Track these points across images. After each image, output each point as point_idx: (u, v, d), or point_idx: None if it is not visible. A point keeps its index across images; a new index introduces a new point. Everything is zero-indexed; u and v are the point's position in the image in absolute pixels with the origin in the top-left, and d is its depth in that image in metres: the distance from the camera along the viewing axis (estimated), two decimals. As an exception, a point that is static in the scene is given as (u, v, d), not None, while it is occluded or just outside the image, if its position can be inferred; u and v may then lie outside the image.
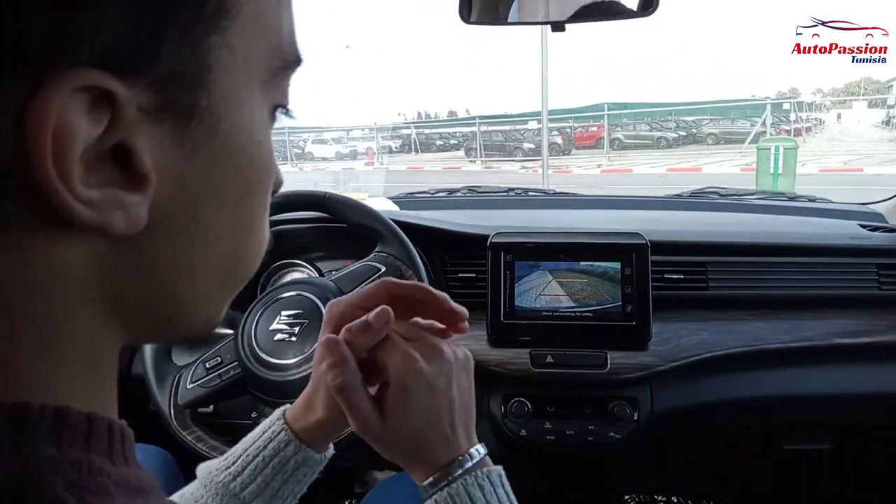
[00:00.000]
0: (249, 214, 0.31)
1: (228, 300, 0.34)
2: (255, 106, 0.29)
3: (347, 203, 1.00)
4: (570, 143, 17.77)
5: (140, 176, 0.24)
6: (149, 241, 0.26)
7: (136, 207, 0.24)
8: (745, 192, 1.68)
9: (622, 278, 1.08)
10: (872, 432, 1.17)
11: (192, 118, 0.25)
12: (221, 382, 0.91)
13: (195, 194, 0.27)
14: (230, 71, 0.26)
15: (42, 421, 0.23)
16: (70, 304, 0.25)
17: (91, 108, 0.22)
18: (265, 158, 0.31)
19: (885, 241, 1.23)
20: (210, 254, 0.29)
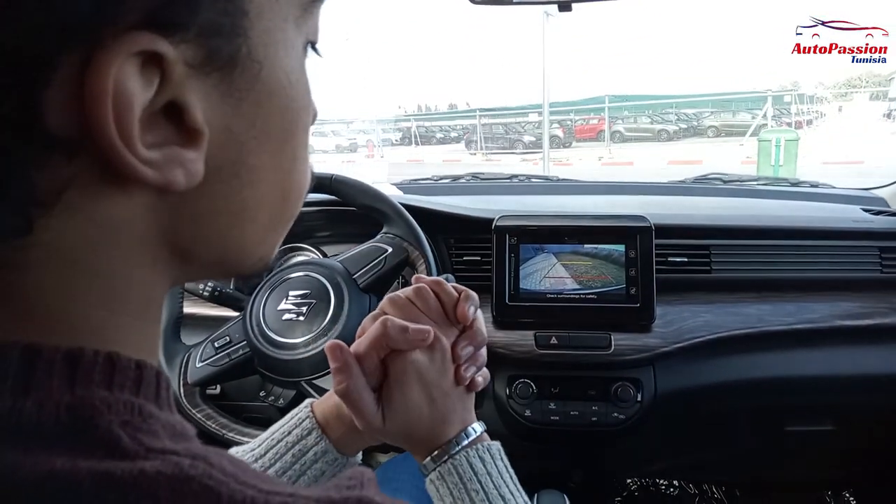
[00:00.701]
0: (292, 154, 0.32)
1: (279, 239, 0.35)
2: (289, 46, 0.29)
3: (354, 185, 1.00)
4: (571, 136, 17.73)
5: (193, 131, 0.25)
6: (203, 191, 0.27)
7: (193, 163, 0.25)
8: (748, 177, 1.68)
9: (626, 261, 1.09)
10: (874, 414, 1.19)
11: (235, 67, 0.26)
12: (230, 361, 0.92)
13: (242, 142, 0.28)
14: (263, 14, 0.27)
15: (95, 365, 0.24)
16: (129, 258, 0.27)
17: (142, 71, 0.23)
18: (303, 96, 0.31)
19: (887, 225, 1.23)
20: (258, 198, 0.30)
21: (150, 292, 0.29)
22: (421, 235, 0.97)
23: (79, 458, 0.22)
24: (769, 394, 1.13)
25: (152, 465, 0.23)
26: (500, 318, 1.10)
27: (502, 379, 1.09)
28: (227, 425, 0.89)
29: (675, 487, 1.71)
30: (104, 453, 0.23)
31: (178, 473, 0.23)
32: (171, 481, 0.23)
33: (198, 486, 0.23)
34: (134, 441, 0.24)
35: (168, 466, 0.23)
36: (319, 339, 0.88)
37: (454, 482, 0.52)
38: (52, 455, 0.22)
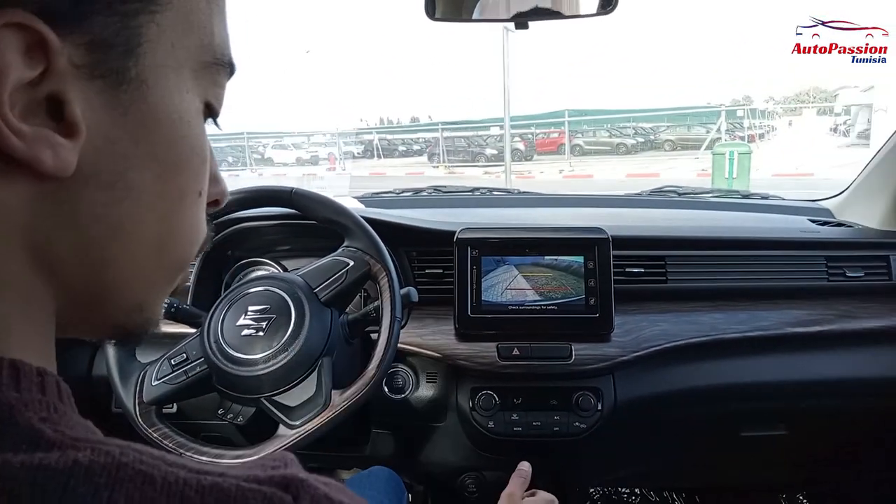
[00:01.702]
0: (179, 191, 0.33)
1: (163, 290, 0.35)
2: (183, 89, 0.32)
3: (315, 198, 1.00)
4: (533, 149, 17.93)
5: (70, 125, 0.27)
6: (80, 192, 0.28)
7: (64, 150, 0.26)
8: (702, 190, 1.73)
9: (585, 272, 1.11)
10: (824, 417, 1.22)
11: (122, 83, 0.28)
12: (187, 379, 0.90)
13: (123, 155, 0.29)
14: (157, 51, 0.29)
15: (1, 370, 0.25)
16: (5, 244, 0.27)
17: (27, 51, 0.25)
18: (195, 141, 0.33)
19: (832, 235, 1.28)
20: (137, 218, 0.31)
21: (31, 291, 0.29)
22: (383, 248, 0.97)
23: (6, 452, 0.23)
24: (724, 400, 1.16)
25: (84, 454, 0.24)
26: (462, 331, 1.11)
27: (465, 391, 1.10)
28: (184, 444, 0.87)
29: (636, 495, 1.74)
30: (30, 447, 0.23)
31: (112, 461, 0.24)
32: (106, 468, 0.23)
33: (132, 471, 0.24)
34: (57, 433, 0.24)
35: (100, 455, 0.24)
36: (280, 354, 0.86)
37: None
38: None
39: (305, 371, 0.87)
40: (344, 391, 0.88)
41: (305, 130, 21.71)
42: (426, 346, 1.10)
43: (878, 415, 1.22)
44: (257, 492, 0.26)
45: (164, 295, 0.36)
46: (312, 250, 1.15)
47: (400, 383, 1.13)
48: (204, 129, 0.34)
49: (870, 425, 1.26)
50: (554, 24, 0.98)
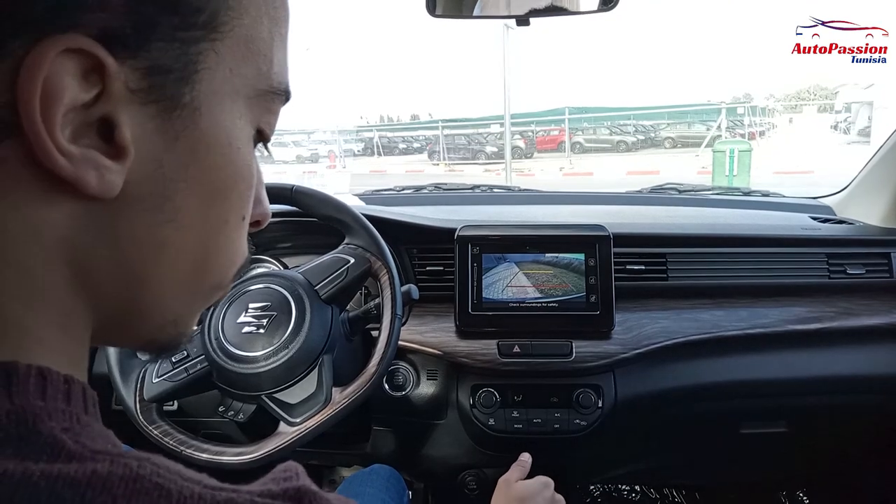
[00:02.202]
0: (224, 214, 0.33)
1: (196, 307, 0.36)
2: (237, 116, 0.32)
3: (315, 195, 1.00)
4: (533, 147, 17.93)
5: (119, 147, 0.27)
6: (124, 213, 0.28)
7: (110, 172, 0.27)
8: (703, 187, 1.73)
9: (586, 269, 1.11)
10: (824, 414, 1.23)
11: (175, 109, 0.28)
12: (188, 376, 0.90)
13: (171, 179, 0.29)
14: (215, 77, 0.29)
15: (29, 377, 0.25)
16: (47, 259, 0.27)
17: (84, 75, 0.25)
18: (243, 166, 0.33)
19: (833, 232, 1.28)
20: (179, 241, 0.31)
21: (69, 306, 0.29)
22: (383, 246, 0.97)
23: (28, 461, 0.23)
24: (725, 397, 1.16)
25: (102, 465, 0.24)
26: (463, 328, 1.11)
27: (466, 388, 1.10)
28: (184, 441, 0.87)
29: (636, 493, 1.74)
30: (51, 457, 0.24)
31: (129, 473, 0.24)
32: (123, 480, 0.24)
33: (149, 483, 0.24)
34: (78, 444, 0.25)
35: (118, 467, 0.24)
36: (280, 351, 0.86)
37: None
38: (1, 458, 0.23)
39: (306, 368, 0.87)
40: (344, 388, 0.88)
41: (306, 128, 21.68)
42: (427, 343, 1.10)
43: (879, 411, 1.22)
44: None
45: (199, 312, 0.36)
46: (313, 247, 1.15)
47: (400, 381, 1.13)
48: (253, 154, 0.35)
49: (870, 422, 1.26)
50: (555, 21, 0.98)
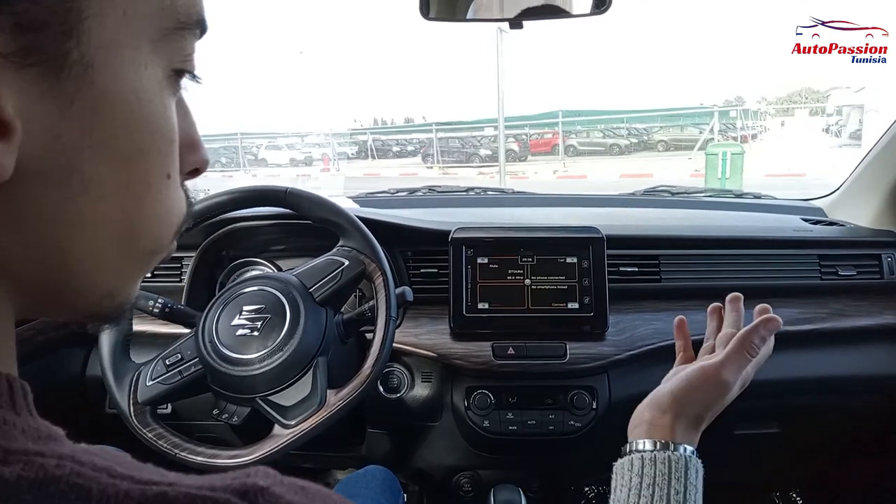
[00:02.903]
0: (144, 177, 0.30)
1: (134, 275, 0.33)
2: (140, 63, 0.28)
3: (309, 198, 1.00)
4: (527, 150, 17.96)
5: (2, 124, 0.23)
6: (27, 192, 0.25)
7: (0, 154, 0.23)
8: (695, 190, 1.74)
9: (579, 271, 1.11)
10: (817, 415, 1.23)
11: (62, 68, 0.25)
12: (182, 379, 0.90)
13: (75, 148, 0.26)
14: (106, 23, 0.26)
15: None
16: None
17: None
18: (157, 119, 0.30)
19: (825, 234, 1.29)
20: (98, 213, 0.28)
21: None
22: (378, 248, 0.97)
23: None
24: (718, 398, 1.16)
25: (11, 470, 0.22)
26: (457, 330, 1.11)
27: (460, 390, 1.10)
28: (179, 444, 0.87)
29: (631, 494, 1.74)
30: None
31: (43, 476, 0.23)
32: (34, 484, 0.22)
33: (65, 485, 0.23)
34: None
35: (30, 469, 0.23)
36: (275, 354, 0.86)
37: (662, 472, 0.63)
38: None
39: (300, 371, 0.87)
40: (339, 391, 0.88)
41: (299, 131, 21.67)
42: (421, 345, 1.11)
43: (871, 412, 1.23)
44: (208, 499, 0.24)
45: (139, 278, 0.33)
46: (307, 250, 1.15)
47: (395, 383, 1.13)
48: (169, 103, 0.31)
49: (862, 422, 1.26)
50: (548, 24, 0.98)
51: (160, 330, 1.13)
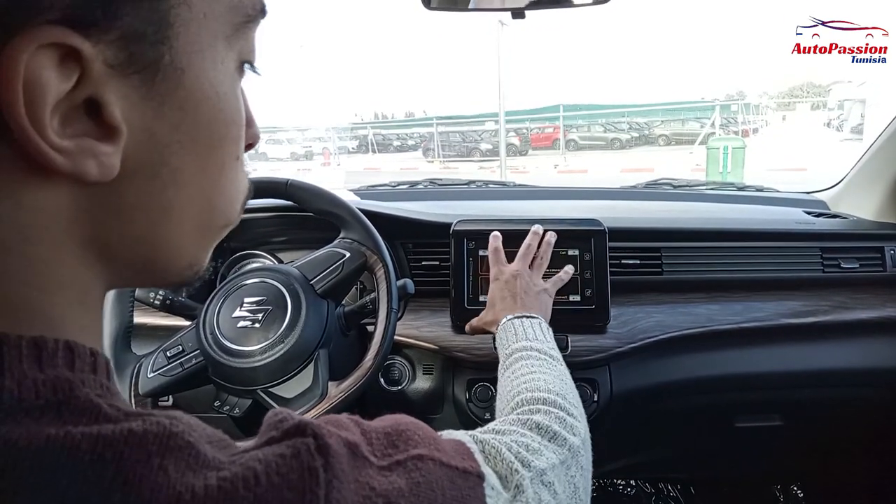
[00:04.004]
0: (220, 162, 0.33)
1: (209, 246, 0.36)
2: (218, 60, 0.31)
3: (310, 189, 0.99)
4: (527, 144, 17.94)
5: (111, 128, 0.27)
6: (125, 187, 0.28)
7: (108, 157, 0.27)
8: (697, 182, 1.74)
9: (581, 264, 1.11)
10: (819, 408, 1.23)
11: (157, 73, 0.28)
12: (183, 371, 0.90)
13: (165, 144, 0.29)
14: (190, 27, 0.29)
15: (57, 351, 0.27)
16: (60, 246, 0.28)
17: (60, 64, 0.24)
18: (232, 110, 0.33)
19: (827, 226, 1.29)
20: (183, 198, 0.31)
21: (86, 282, 0.30)
22: (379, 240, 0.96)
23: (68, 425, 0.24)
24: (719, 391, 1.16)
25: (138, 424, 0.25)
26: (458, 323, 1.11)
27: (462, 383, 1.10)
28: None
29: (632, 487, 1.75)
30: (89, 419, 0.25)
31: (164, 430, 0.26)
32: (158, 437, 0.25)
33: (181, 441, 0.26)
34: (112, 408, 0.26)
35: (152, 425, 0.26)
36: (276, 346, 0.86)
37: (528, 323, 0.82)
38: (42, 425, 0.24)
39: (302, 363, 0.87)
40: (340, 383, 0.88)
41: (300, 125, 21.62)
42: (423, 337, 1.10)
43: (873, 405, 1.23)
44: (281, 444, 0.29)
45: (211, 249, 0.37)
46: (308, 242, 1.14)
47: (396, 375, 1.13)
48: (239, 92, 0.34)
49: (864, 415, 1.26)
50: (550, 18, 0.98)
51: (161, 322, 1.12)
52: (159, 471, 0.25)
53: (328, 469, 0.28)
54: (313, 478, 0.28)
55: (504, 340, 0.81)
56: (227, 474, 0.26)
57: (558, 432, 0.54)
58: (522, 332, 0.80)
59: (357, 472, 0.30)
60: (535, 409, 0.59)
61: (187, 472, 0.25)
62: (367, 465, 0.32)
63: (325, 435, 0.29)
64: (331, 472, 0.28)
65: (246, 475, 0.26)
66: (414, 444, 0.36)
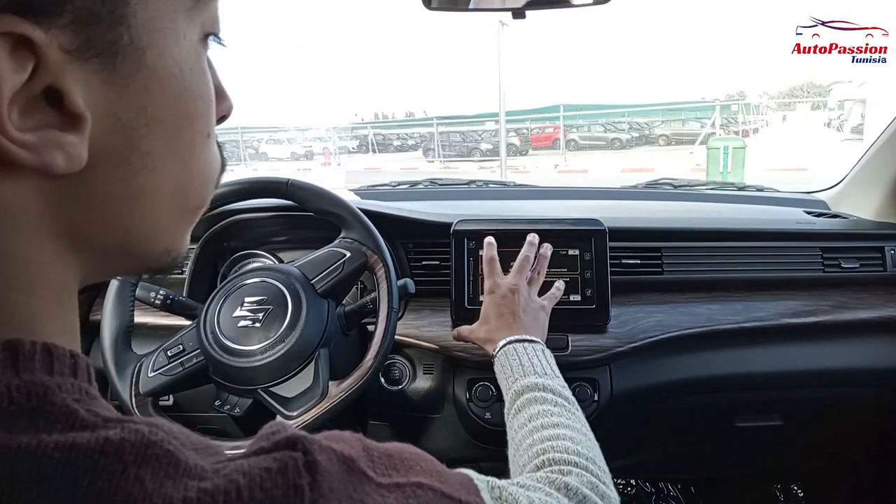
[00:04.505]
0: (190, 142, 0.32)
1: (186, 230, 0.35)
2: (180, 35, 0.30)
3: (311, 189, 0.99)
4: (528, 144, 17.93)
5: (74, 116, 0.25)
6: (94, 176, 0.27)
7: (74, 147, 0.26)
8: (697, 182, 1.74)
9: (582, 263, 1.11)
10: (819, 407, 1.23)
11: (117, 54, 0.26)
12: (184, 370, 0.90)
13: (132, 127, 0.28)
14: (148, 4, 0.27)
15: (34, 354, 0.26)
16: (31, 241, 0.27)
17: (13, 55, 0.23)
18: (199, 85, 0.32)
19: (828, 226, 1.29)
20: (155, 182, 0.30)
21: (61, 278, 0.29)
22: (380, 239, 0.96)
23: (41, 433, 0.24)
24: (720, 390, 1.16)
25: (114, 432, 0.25)
26: (459, 322, 1.11)
27: (462, 382, 1.10)
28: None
29: (632, 486, 1.75)
30: (64, 426, 0.24)
31: (141, 439, 0.25)
32: (135, 446, 0.24)
33: (160, 450, 0.25)
34: (90, 413, 0.25)
35: (130, 433, 0.25)
36: (276, 345, 0.86)
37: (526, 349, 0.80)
38: (13, 433, 0.23)
39: (302, 362, 0.87)
40: (341, 382, 0.88)
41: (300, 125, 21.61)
42: (423, 337, 1.10)
43: (873, 405, 1.23)
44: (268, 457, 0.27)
45: (188, 232, 0.36)
46: (309, 242, 1.14)
47: (397, 375, 1.13)
48: (206, 66, 0.33)
49: (864, 415, 1.26)
50: (550, 18, 0.98)
51: (162, 321, 1.13)
52: (135, 481, 0.24)
53: (314, 487, 0.27)
54: (298, 496, 0.27)
55: (508, 371, 0.78)
56: (208, 486, 0.25)
57: (588, 496, 0.52)
58: (528, 361, 0.78)
59: (352, 489, 0.29)
60: (567, 471, 0.57)
61: (166, 481, 0.24)
62: (364, 480, 0.31)
63: (316, 451, 0.28)
64: (317, 491, 0.27)
65: (228, 488, 0.25)
66: (416, 471, 0.35)
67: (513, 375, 0.77)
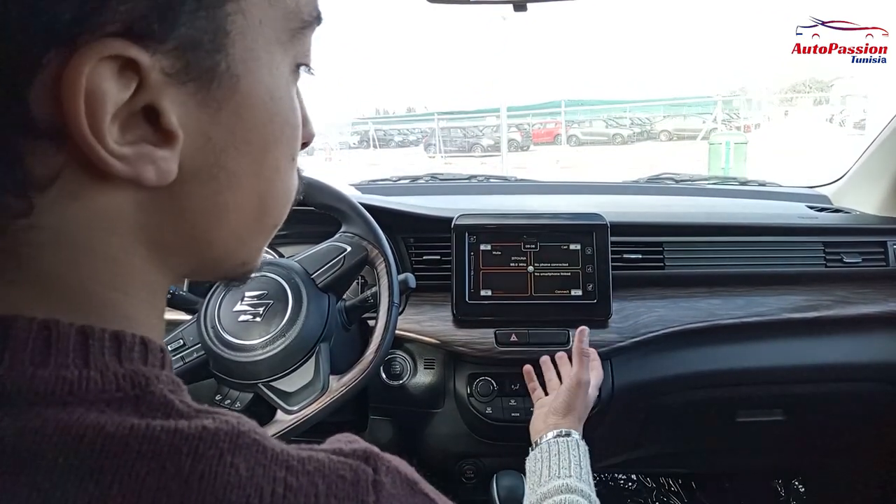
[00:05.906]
0: (275, 164, 0.34)
1: (262, 246, 0.38)
2: (274, 65, 0.31)
3: (312, 184, 0.99)
4: (529, 140, 17.90)
5: (168, 133, 0.27)
6: (183, 191, 0.30)
7: (165, 161, 0.28)
8: (699, 177, 1.73)
9: (583, 258, 1.10)
10: (821, 402, 1.23)
11: (213, 80, 0.28)
12: (184, 365, 0.90)
13: (221, 147, 0.30)
14: (246, 35, 0.29)
15: (134, 345, 0.28)
16: (128, 246, 0.30)
17: (119, 75, 0.25)
18: (286, 113, 0.33)
19: (830, 221, 1.28)
20: (238, 201, 0.32)
21: (152, 281, 0.32)
22: (380, 234, 0.96)
23: (147, 417, 0.26)
24: (721, 385, 1.16)
25: (209, 421, 0.27)
26: (460, 317, 1.11)
27: (463, 377, 1.10)
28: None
29: (633, 481, 1.75)
30: (164, 414, 0.27)
31: (233, 428, 0.27)
32: (228, 435, 0.26)
33: (249, 439, 0.27)
34: (183, 404, 0.28)
35: (222, 423, 0.27)
36: (277, 339, 0.86)
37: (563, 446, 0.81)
38: (124, 416, 0.26)
39: (303, 356, 0.87)
40: (342, 377, 0.88)
41: (301, 121, 21.54)
42: (424, 332, 1.10)
43: (874, 399, 1.23)
44: (345, 464, 0.29)
45: (264, 247, 0.38)
46: (309, 236, 1.14)
47: (398, 369, 1.13)
48: (294, 95, 0.34)
49: (866, 410, 1.26)
50: (551, 12, 0.97)
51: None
52: (231, 468, 0.25)
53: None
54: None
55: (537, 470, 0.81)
56: (293, 482, 0.27)
57: None
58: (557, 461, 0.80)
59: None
60: None
61: (257, 469, 0.26)
62: (427, 501, 0.32)
63: (384, 471, 0.30)
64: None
65: (309, 491, 0.27)
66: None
67: (539, 474, 0.80)
